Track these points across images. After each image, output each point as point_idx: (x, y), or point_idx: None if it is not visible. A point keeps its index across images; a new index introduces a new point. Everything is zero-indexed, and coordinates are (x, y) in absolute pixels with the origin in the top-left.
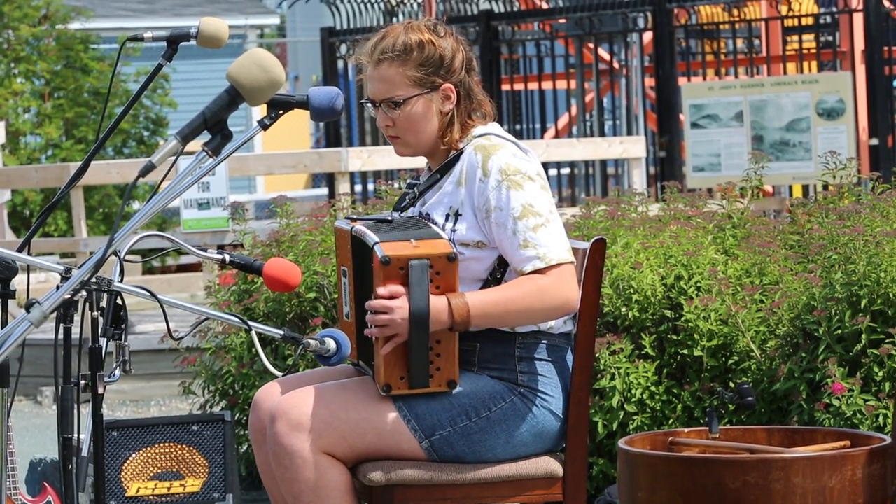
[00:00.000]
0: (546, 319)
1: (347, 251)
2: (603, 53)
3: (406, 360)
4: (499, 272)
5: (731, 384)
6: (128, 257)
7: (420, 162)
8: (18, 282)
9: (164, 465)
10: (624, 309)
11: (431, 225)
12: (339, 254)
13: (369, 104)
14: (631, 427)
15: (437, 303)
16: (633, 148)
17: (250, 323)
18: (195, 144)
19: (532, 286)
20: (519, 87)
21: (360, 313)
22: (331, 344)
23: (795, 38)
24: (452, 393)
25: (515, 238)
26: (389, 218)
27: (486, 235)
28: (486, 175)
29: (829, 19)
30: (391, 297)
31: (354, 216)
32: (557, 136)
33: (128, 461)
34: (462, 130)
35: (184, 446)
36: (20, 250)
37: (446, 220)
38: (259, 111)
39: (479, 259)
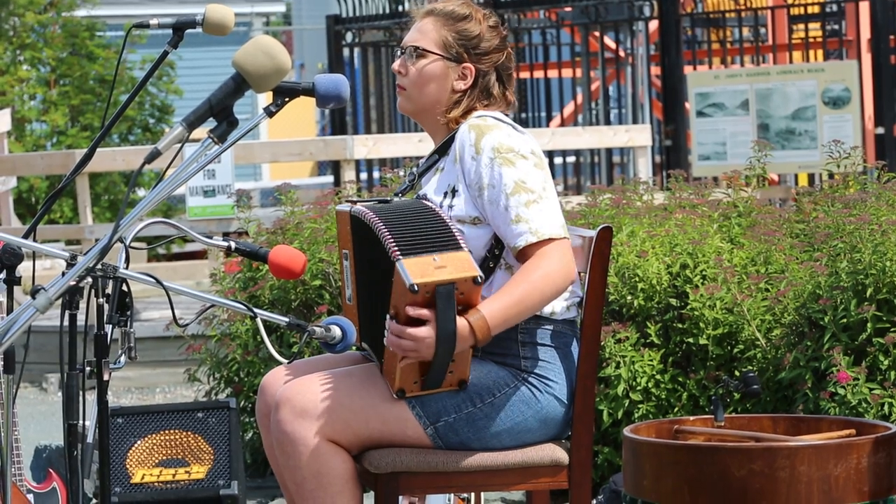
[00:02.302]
0: (556, 297)
1: (348, 233)
2: (609, 42)
3: (422, 367)
4: (497, 248)
5: (737, 372)
6: (133, 244)
7: (426, 150)
8: (24, 268)
9: (169, 451)
10: (629, 297)
11: (430, 204)
12: (340, 237)
13: (398, 50)
14: (636, 415)
15: (461, 326)
16: (638, 136)
17: (256, 310)
18: (201, 132)
19: (538, 275)
20: (524, 75)
21: (362, 296)
22: (336, 331)
23: (801, 26)
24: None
25: (507, 213)
26: (388, 199)
27: (481, 212)
28: (479, 153)
29: (835, 8)
30: (417, 321)
31: (354, 199)
32: (563, 124)
33: (133, 448)
34: (466, 114)
35: (189, 433)
36: (26, 237)
37: (444, 197)
38: (265, 98)
39: (476, 237)
